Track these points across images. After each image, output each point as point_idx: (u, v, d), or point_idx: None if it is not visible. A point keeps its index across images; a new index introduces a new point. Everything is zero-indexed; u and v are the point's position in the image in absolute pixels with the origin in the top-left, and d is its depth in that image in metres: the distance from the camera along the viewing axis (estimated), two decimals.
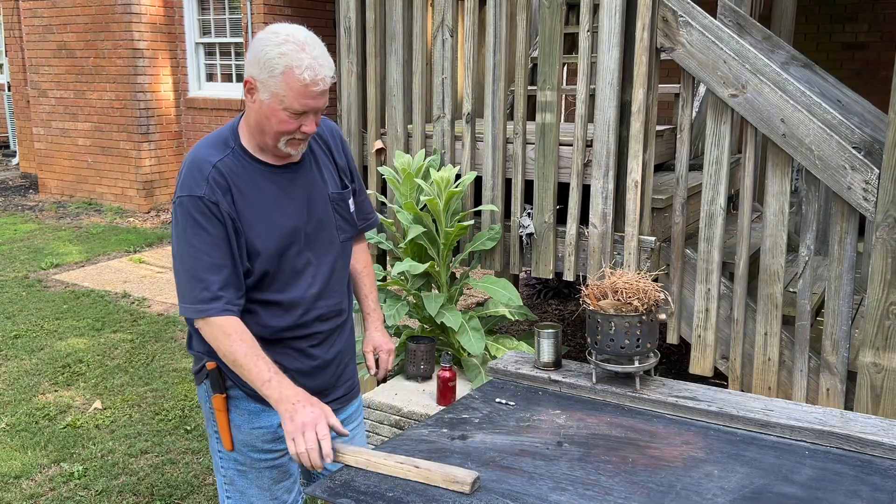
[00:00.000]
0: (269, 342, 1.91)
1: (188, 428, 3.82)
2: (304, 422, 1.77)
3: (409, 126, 3.93)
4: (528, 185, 3.68)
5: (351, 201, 2.08)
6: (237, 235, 1.83)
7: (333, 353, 2.06)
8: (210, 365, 1.96)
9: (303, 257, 1.94)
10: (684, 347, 4.03)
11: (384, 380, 3.04)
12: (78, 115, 9.36)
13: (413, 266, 3.53)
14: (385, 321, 2.09)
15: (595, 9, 3.38)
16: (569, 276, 3.59)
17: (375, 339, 2.23)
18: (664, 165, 4.26)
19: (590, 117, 3.47)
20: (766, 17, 4.47)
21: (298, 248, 1.92)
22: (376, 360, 2.22)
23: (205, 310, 1.81)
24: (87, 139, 9.33)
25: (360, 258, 2.24)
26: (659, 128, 3.86)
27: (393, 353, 2.25)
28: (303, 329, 1.97)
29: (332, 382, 2.08)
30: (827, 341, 3.01)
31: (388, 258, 4.06)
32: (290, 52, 1.73)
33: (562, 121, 3.73)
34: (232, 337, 1.82)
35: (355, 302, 2.26)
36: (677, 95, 3.48)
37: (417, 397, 3.49)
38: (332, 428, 1.82)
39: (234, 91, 8.77)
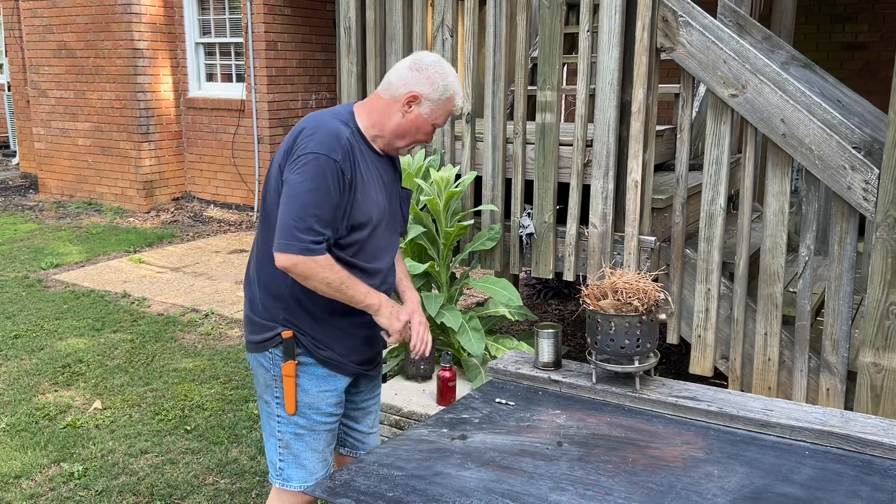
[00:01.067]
0: (343, 312, 2.17)
1: (188, 428, 3.82)
2: (409, 311, 2.23)
3: None
4: (528, 185, 3.68)
5: (409, 201, 2.43)
6: (346, 203, 2.09)
7: (378, 327, 2.30)
8: (286, 334, 2.16)
9: (384, 236, 2.24)
10: (684, 347, 4.03)
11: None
12: (78, 115, 9.35)
13: (413, 266, 3.53)
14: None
15: (595, 9, 3.38)
16: (569, 276, 3.59)
17: (415, 309, 2.40)
18: (664, 165, 4.26)
19: (590, 117, 3.47)
20: (766, 17, 4.47)
21: (382, 228, 2.22)
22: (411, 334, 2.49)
23: (314, 249, 2.03)
24: (87, 139, 9.33)
25: (399, 256, 2.52)
26: (659, 128, 3.86)
27: (427, 326, 2.48)
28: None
29: (379, 350, 2.37)
30: (827, 341, 3.01)
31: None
32: (453, 83, 2.16)
33: (562, 121, 3.73)
34: (334, 267, 2.08)
35: None
36: (677, 95, 3.48)
37: (417, 397, 3.49)
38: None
39: (234, 91, 8.77)
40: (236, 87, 8.80)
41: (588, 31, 3.38)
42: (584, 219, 3.52)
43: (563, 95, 5.10)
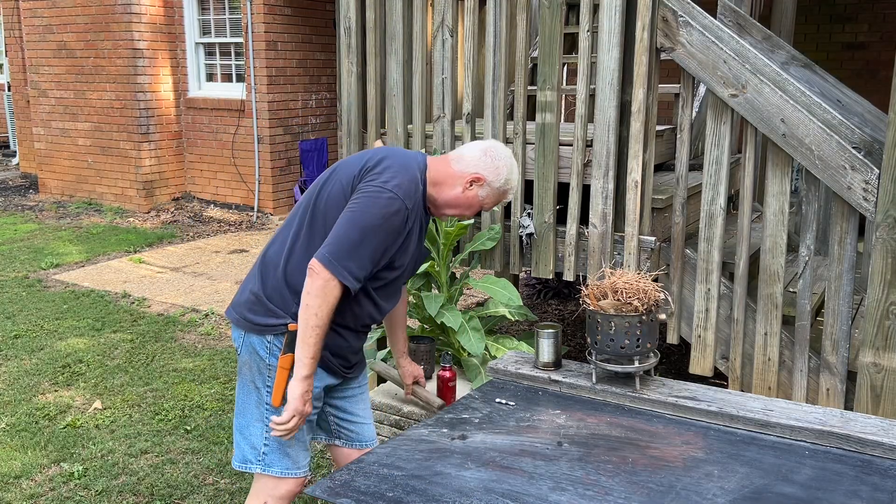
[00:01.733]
0: (352, 329, 2.30)
1: (188, 428, 3.82)
2: (307, 412, 2.18)
3: (409, 126, 3.93)
4: (528, 185, 3.68)
5: None
6: (396, 247, 2.20)
7: (364, 339, 2.47)
8: (292, 327, 2.19)
9: (399, 283, 2.36)
10: (684, 347, 4.03)
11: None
12: (78, 115, 9.35)
13: None
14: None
15: (595, 9, 3.38)
16: (569, 276, 3.59)
17: (416, 370, 2.86)
18: (664, 165, 4.26)
19: (590, 117, 3.47)
20: (766, 17, 4.47)
21: (405, 277, 2.36)
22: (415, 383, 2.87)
23: (347, 279, 2.11)
24: (87, 139, 9.33)
25: (405, 304, 2.69)
26: (659, 128, 3.86)
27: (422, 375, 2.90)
28: (369, 326, 2.37)
29: (359, 360, 2.49)
30: (827, 341, 3.01)
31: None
32: (514, 178, 2.31)
33: (562, 121, 3.73)
34: (332, 312, 2.14)
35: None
36: (677, 95, 3.48)
37: None
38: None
39: (234, 91, 8.77)
40: (236, 87, 8.80)
41: (588, 31, 3.38)
42: (584, 219, 3.52)
43: (563, 95, 5.10)
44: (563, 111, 4.44)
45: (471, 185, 2.25)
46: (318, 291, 2.09)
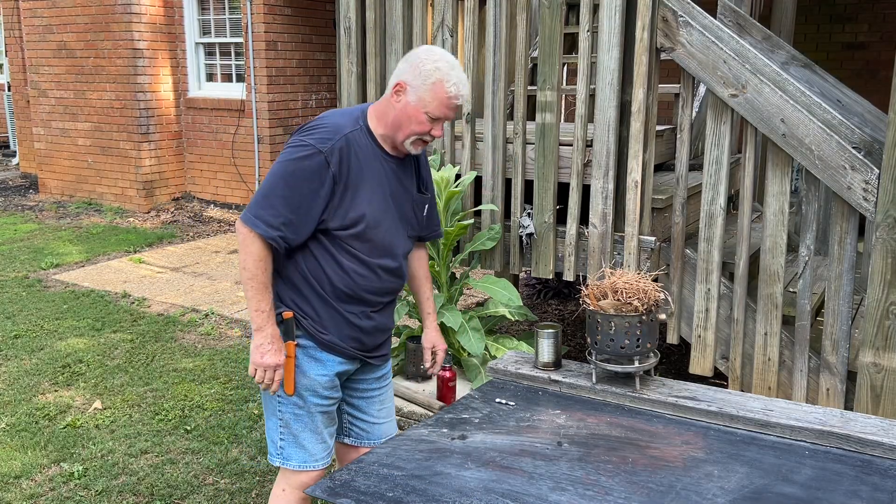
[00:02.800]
0: (346, 298, 2.22)
1: (188, 428, 3.82)
2: (269, 364, 2.15)
3: None
4: (528, 185, 3.68)
5: (426, 206, 2.42)
6: (331, 197, 2.12)
7: (385, 321, 2.37)
8: (287, 314, 2.20)
9: (389, 235, 2.25)
10: (684, 347, 4.03)
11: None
12: (78, 115, 9.35)
13: None
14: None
15: (595, 9, 3.38)
16: (569, 276, 3.59)
17: (434, 339, 2.56)
18: (664, 165, 4.26)
19: (590, 117, 3.47)
20: (766, 17, 4.47)
21: (387, 226, 2.24)
22: (433, 355, 2.56)
23: (259, 226, 2.09)
24: (87, 139, 9.33)
25: (424, 265, 2.57)
26: (659, 128, 3.86)
27: (446, 351, 2.61)
28: (373, 294, 2.26)
29: (380, 342, 2.39)
30: (827, 341, 3.01)
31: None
32: (443, 67, 2.12)
33: (562, 121, 3.73)
34: (261, 262, 2.12)
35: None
36: (677, 95, 3.48)
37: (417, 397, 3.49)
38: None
39: (234, 91, 8.77)
40: (236, 87, 8.80)
41: (588, 31, 3.38)
42: (584, 219, 3.52)
43: (563, 95, 5.10)
44: (563, 111, 4.44)
45: (398, 97, 2.14)
46: (241, 246, 2.12)
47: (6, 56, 10.93)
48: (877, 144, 2.87)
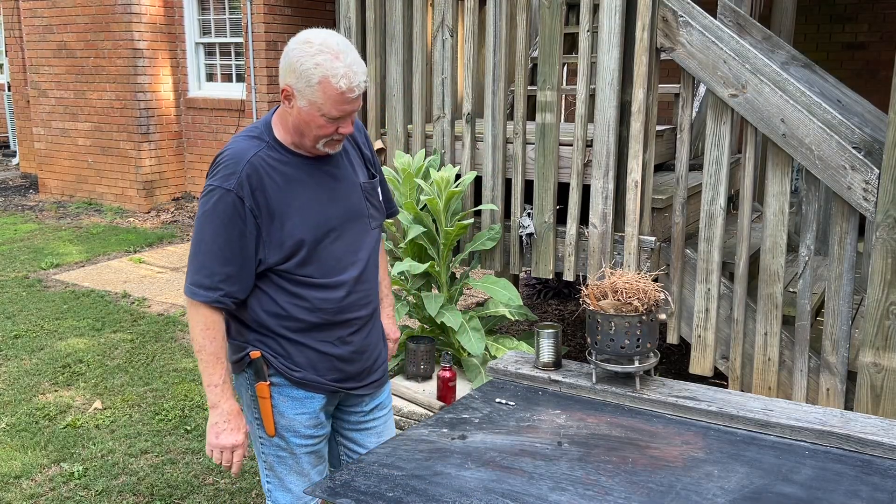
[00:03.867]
0: (314, 328, 2.01)
1: (188, 428, 3.82)
2: (225, 445, 1.99)
3: (409, 126, 3.93)
4: (528, 185, 3.68)
5: (379, 190, 2.17)
6: (259, 232, 1.91)
7: (369, 339, 2.15)
8: (254, 354, 2.02)
9: (341, 244, 2.01)
10: (684, 347, 4.03)
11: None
12: (78, 115, 9.35)
13: (413, 266, 3.53)
14: (395, 306, 2.18)
15: (595, 9, 3.38)
16: (569, 276, 3.59)
17: (385, 326, 2.30)
18: (664, 165, 4.26)
19: (590, 117, 3.47)
20: (766, 17, 4.47)
21: (336, 235, 2.00)
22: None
23: (197, 294, 1.92)
24: (87, 139, 9.33)
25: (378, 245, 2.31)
26: (659, 128, 3.86)
27: (398, 342, 2.37)
28: (344, 313, 2.04)
29: (369, 366, 2.17)
30: (827, 341, 3.01)
31: (388, 258, 4.07)
32: (324, 62, 1.81)
33: (562, 121, 3.73)
34: (208, 331, 1.94)
35: None
36: (677, 95, 3.48)
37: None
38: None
39: (234, 91, 8.77)
40: (236, 87, 8.80)
41: (588, 31, 3.38)
42: (584, 219, 3.52)
43: (563, 95, 5.10)
44: (563, 111, 4.44)
45: (289, 104, 1.88)
46: (189, 320, 1.95)
47: (6, 56, 10.93)
48: (877, 144, 2.87)
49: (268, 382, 2.04)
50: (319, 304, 2.00)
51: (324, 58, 1.81)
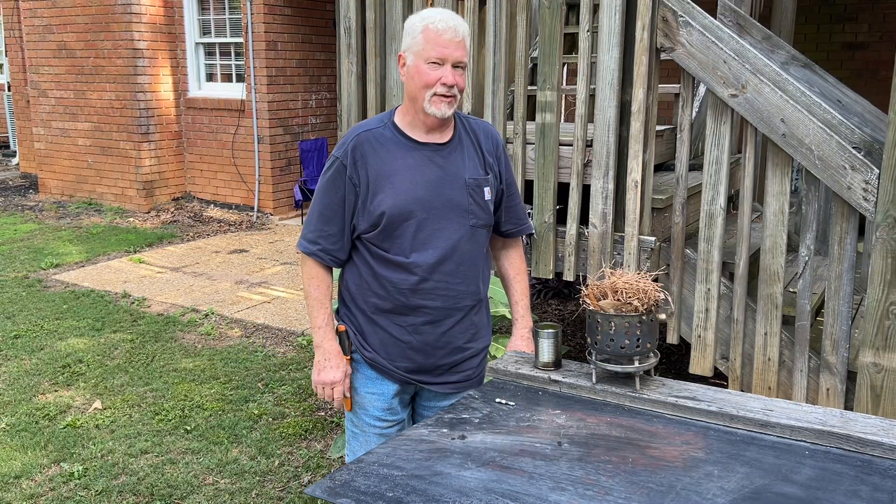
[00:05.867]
0: (388, 311, 2.15)
1: (188, 428, 3.82)
2: (325, 381, 2.16)
3: None
4: (528, 185, 3.68)
5: (487, 189, 2.20)
6: (356, 199, 2.12)
7: (449, 336, 2.20)
8: (340, 328, 2.21)
9: (427, 229, 2.11)
10: (684, 347, 4.03)
11: None
12: (78, 115, 9.35)
13: None
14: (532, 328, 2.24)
15: (595, 9, 3.38)
16: (569, 276, 3.59)
17: (517, 346, 2.38)
18: (664, 165, 4.26)
19: (590, 117, 3.47)
20: (766, 17, 4.47)
21: (422, 218, 2.11)
22: None
23: (302, 244, 2.19)
24: (87, 139, 9.33)
25: (514, 263, 2.45)
26: (659, 128, 3.86)
27: None
28: (417, 299, 2.13)
29: (445, 366, 2.23)
30: (827, 341, 3.01)
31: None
32: (426, 14, 2.11)
33: (562, 121, 3.73)
34: (312, 280, 2.18)
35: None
36: (677, 95, 3.48)
37: None
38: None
39: (234, 91, 8.77)
40: (236, 87, 8.80)
41: (588, 31, 3.38)
42: (584, 219, 3.52)
43: (563, 95, 5.10)
44: (563, 111, 4.44)
45: (403, 70, 2.13)
46: (301, 271, 2.22)
47: (6, 56, 10.93)
48: (877, 144, 2.87)
49: (349, 357, 2.19)
50: (394, 284, 2.12)
51: (426, 12, 2.12)
